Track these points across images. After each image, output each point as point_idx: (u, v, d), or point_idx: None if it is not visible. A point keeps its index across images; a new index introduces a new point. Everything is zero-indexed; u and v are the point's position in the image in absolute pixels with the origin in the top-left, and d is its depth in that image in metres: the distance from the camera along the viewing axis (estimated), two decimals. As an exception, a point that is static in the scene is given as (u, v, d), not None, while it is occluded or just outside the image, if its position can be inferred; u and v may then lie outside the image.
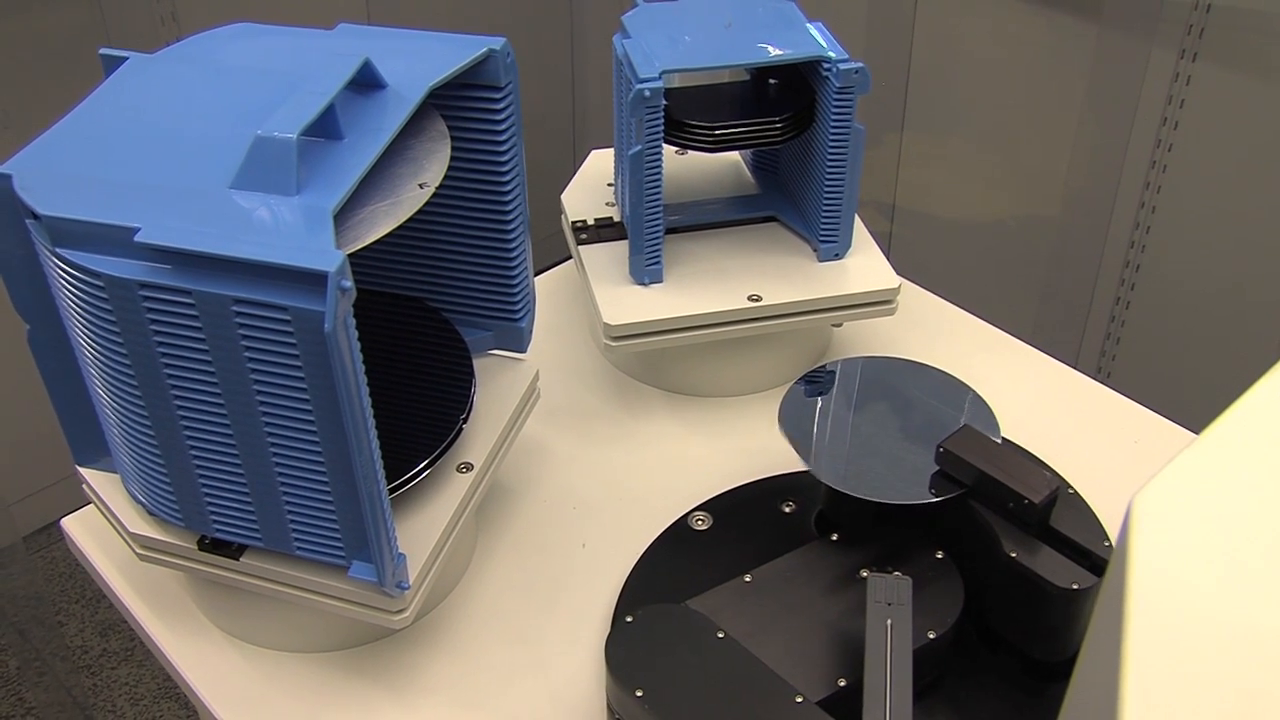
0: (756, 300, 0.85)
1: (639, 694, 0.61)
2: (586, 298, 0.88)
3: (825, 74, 0.82)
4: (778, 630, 0.66)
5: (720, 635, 0.64)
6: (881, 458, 0.72)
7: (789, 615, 0.67)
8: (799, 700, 0.60)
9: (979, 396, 0.75)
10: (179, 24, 1.73)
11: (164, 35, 1.73)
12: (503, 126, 0.70)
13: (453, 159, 0.66)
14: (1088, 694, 0.34)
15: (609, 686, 0.63)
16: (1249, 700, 0.29)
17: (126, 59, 0.67)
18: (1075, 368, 0.94)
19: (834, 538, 0.71)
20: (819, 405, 0.76)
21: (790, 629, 0.66)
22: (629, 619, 0.65)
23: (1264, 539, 0.31)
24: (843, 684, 0.63)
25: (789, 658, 0.64)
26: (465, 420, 0.72)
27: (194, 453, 0.61)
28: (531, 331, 0.80)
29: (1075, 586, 0.65)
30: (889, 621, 0.62)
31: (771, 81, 0.88)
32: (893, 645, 0.62)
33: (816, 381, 0.78)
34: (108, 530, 0.76)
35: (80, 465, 0.71)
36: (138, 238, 0.54)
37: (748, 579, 0.69)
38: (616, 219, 0.93)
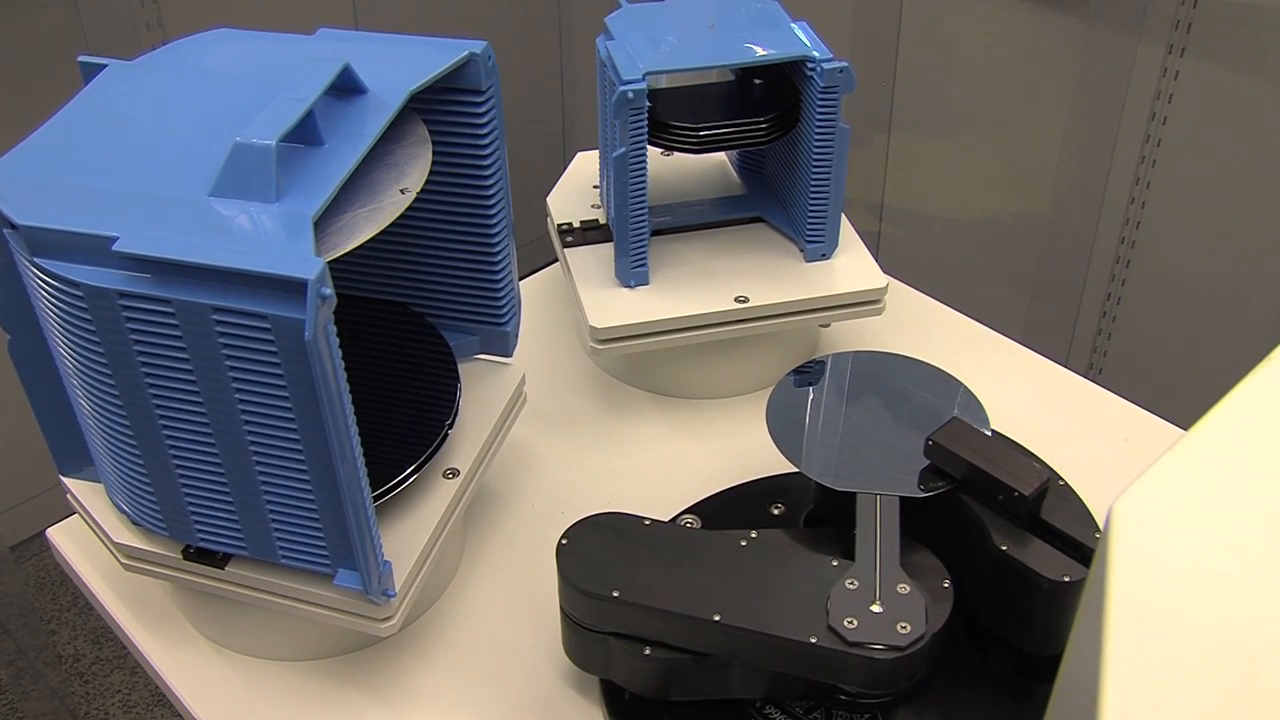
0: (744, 301, 0.85)
1: (616, 594, 0.63)
2: (572, 301, 0.88)
3: (810, 73, 0.82)
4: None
5: (647, 522, 0.67)
6: (869, 452, 0.71)
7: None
8: (743, 544, 0.65)
9: (967, 389, 0.75)
10: (164, 29, 1.72)
11: (148, 41, 1.72)
12: (485, 130, 0.70)
13: (435, 163, 0.66)
14: (1071, 698, 0.33)
15: (578, 606, 0.65)
16: (1227, 703, 0.29)
17: (105, 66, 0.66)
18: (1066, 366, 0.93)
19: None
20: (806, 400, 0.76)
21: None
22: (564, 540, 0.67)
23: (1243, 542, 0.31)
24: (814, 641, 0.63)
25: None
26: (451, 426, 0.72)
27: (176, 462, 0.61)
28: (517, 335, 0.79)
29: (1067, 579, 0.65)
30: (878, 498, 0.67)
31: (756, 82, 0.88)
32: (881, 515, 0.66)
33: (804, 376, 0.77)
34: (93, 540, 0.76)
35: (63, 475, 0.71)
36: (116, 247, 0.54)
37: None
38: (602, 221, 0.93)
